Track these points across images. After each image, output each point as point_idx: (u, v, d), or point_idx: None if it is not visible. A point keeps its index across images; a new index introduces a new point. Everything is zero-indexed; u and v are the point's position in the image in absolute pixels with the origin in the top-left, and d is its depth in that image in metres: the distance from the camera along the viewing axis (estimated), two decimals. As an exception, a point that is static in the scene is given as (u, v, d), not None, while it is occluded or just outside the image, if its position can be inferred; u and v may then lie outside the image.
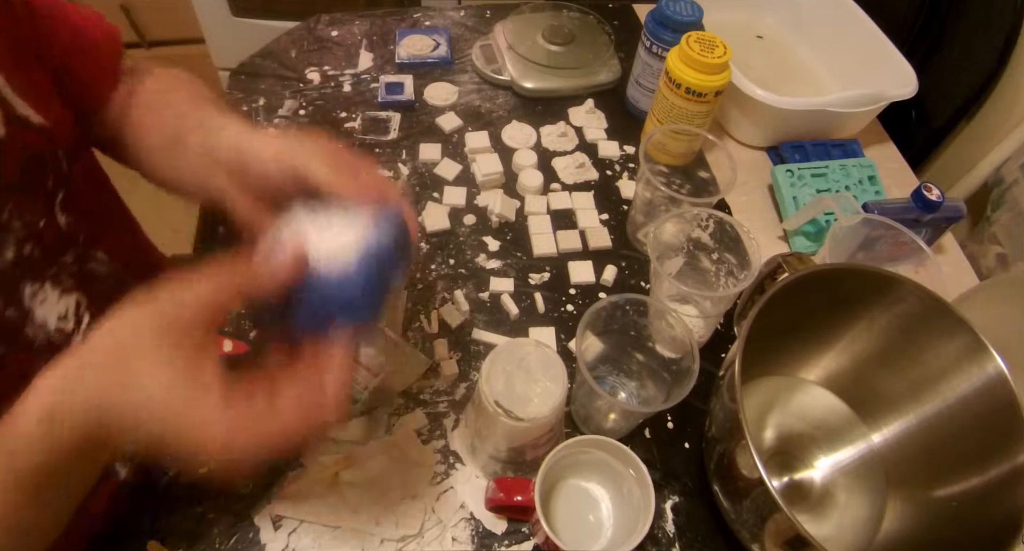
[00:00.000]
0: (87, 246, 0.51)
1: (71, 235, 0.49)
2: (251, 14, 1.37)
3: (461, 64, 0.84)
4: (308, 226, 0.38)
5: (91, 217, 0.52)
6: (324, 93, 0.80)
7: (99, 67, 0.52)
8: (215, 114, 0.47)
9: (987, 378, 0.47)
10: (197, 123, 0.47)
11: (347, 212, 0.39)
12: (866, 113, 0.76)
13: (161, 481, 0.51)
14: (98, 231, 0.53)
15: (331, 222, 0.38)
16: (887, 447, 0.55)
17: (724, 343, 0.63)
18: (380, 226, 0.38)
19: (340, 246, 0.37)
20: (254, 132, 0.44)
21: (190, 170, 0.46)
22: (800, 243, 0.71)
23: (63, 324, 0.47)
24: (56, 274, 0.47)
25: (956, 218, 0.67)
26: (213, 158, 0.44)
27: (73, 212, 0.49)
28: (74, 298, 0.48)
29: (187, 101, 0.50)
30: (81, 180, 0.51)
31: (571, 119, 0.80)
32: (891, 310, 0.52)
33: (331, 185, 0.39)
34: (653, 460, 0.55)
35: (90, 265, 0.52)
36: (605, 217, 0.71)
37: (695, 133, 0.68)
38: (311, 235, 0.38)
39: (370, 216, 0.38)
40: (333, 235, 0.38)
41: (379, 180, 0.42)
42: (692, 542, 0.52)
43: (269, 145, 0.41)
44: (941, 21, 0.83)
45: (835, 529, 0.53)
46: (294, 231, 0.38)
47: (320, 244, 0.37)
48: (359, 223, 0.38)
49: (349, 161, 0.42)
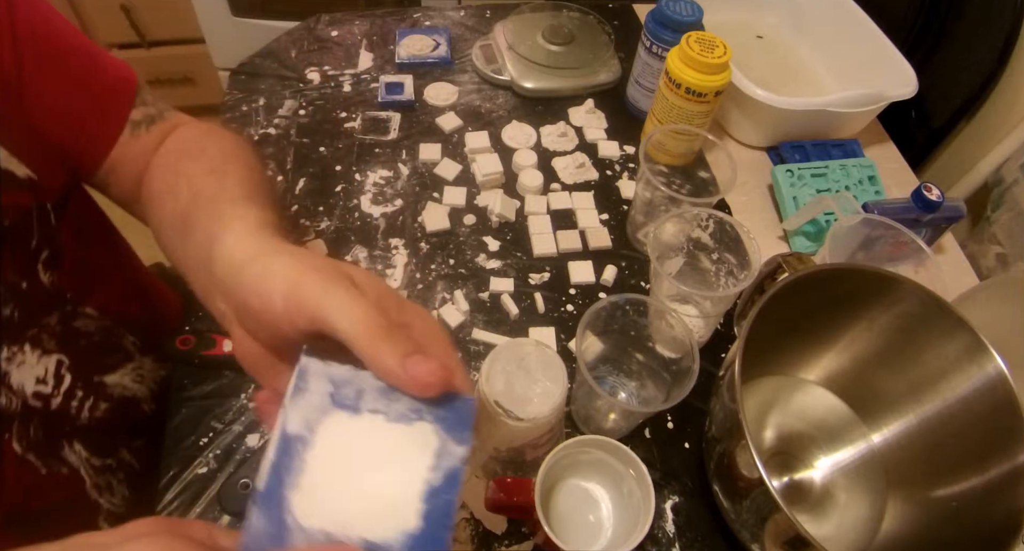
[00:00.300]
0: (75, 303, 0.48)
1: (57, 294, 0.46)
2: (251, 14, 1.37)
3: (461, 64, 0.84)
4: (332, 440, 0.27)
5: (80, 271, 0.49)
6: (324, 93, 0.80)
7: (101, 110, 0.46)
8: (227, 202, 0.38)
9: (987, 378, 0.47)
10: (205, 213, 0.38)
11: (393, 407, 0.27)
12: (866, 113, 0.76)
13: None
14: (88, 285, 0.50)
15: (371, 431, 0.27)
16: (887, 447, 0.55)
17: (724, 343, 0.63)
18: (450, 447, 0.27)
19: (390, 499, 0.26)
20: (265, 242, 0.34)
21: (196, 269, 0.38)
22: (800, 243, 0.71)
23: (41, 387, 0.45)
24: (36, 335, 0.44)
25: (956, 218, 0.67)
26: (210, 274, 0.35)
27: (59, 270, 0.45)
28: (55, 359, 0.45)
29: (205, 173, 0.42)
30: (70, 231, 0.48)
31: (571, 119, 0.80)
32: (891, 310, 0.52)
33: (367, 351, 0.27)
34: (653, 460, 0.55)
35: (76, 323, 0.49)
36: (605, 217, 0.71)
37: (695, 133, 0.68)
38: (337, 472, 0.26)
39: (436, 418, 0.27)
40: (375, 466, 0.26)
41: (439, 341, 0.30)
42: (692, 542, 0.52)
43: (278, 273, 0.30)
44: (941, 21, 0.83)
45: (835, 529, 0.53)
46: (307, 464, 0.26)
47: (356, 493, 0.26)
48: (420, 438, 0.27)
49: (391, 303, 0.30)
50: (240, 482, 0.50)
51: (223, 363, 0.56)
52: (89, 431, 0.51)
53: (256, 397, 0.32)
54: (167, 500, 0.50)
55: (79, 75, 0.45)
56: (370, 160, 0.74)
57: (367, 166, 0.73)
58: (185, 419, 0.53)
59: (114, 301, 0.53)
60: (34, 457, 0.45)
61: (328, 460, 0.27)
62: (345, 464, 0.27)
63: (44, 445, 0.46)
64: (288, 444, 0.27)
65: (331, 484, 0.26)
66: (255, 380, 0.34)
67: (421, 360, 0.27)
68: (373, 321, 0.27)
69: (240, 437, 0.53)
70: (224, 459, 0.52)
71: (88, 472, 0.50)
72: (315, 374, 0.28)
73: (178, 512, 0.49)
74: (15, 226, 0.42)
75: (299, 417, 0.27)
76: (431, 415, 0.28)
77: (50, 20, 0.44)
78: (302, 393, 0.28)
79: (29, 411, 0.44)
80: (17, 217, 0.42)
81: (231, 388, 0.55)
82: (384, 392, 0.28)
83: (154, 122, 0.48)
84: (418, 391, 0.27)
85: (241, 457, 0.52)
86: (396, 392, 0.28)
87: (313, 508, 0.26)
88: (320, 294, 0.28)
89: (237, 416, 0.54)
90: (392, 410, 0.28)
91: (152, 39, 1.60)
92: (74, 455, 0.49)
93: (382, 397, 0.28)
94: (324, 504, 0.26)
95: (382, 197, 0.71)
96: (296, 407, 0.27)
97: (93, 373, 0.52)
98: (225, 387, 0.55)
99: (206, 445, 0.52)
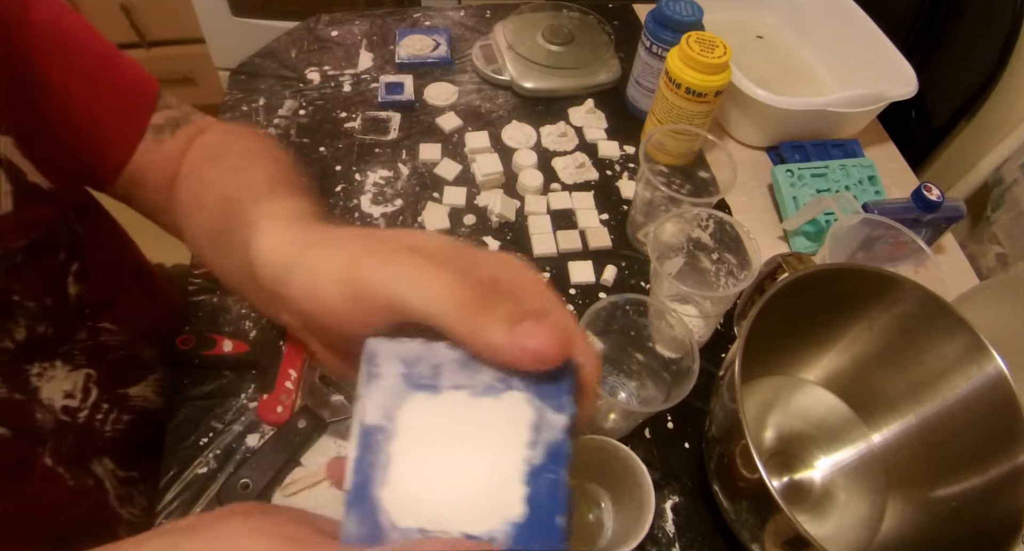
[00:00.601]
0: (94, 319, 0.48)
1: (79, 308, 0.45)
2: (251, 14, 1.37)
3: (461, 64, 0.84)
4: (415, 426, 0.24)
5: (106, 283, 0.48)
6: (324, 93, 0.80)
7: (121, 114, 0.44)
8: (251, 202, 0.34)
9: (987, 378, 0.47)
10: (236, 220, 0.34)
11: (477, 379, 0.24)
12: (866, 113, 0.76)
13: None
14: (109, 297, 0.49)
15: (455, 411, 0.24)
16: (887, 447, 0.55)
17: (724, 343, 0.63)
18: (548, 417, 0.24)
19: (488, 486, 0.23)
20: (300, 236, 0.29)
21: (245, 284, 0.33)
22: (800, 243, 0.71)
23: (69, 401, 0.45)
24: (68, 351, 0.44)
25: (956, 218, 0.67)
26: (260, 289, 0.30)
27: (87, 282, 0.45)
28: (83, 373, 0.46)
29: (229, 175, 0.39)
30: (94, 242, 0.47)
31: (571, 119, 0.80)
32: (891, 310, 0.52)
33: (461, 331, 0.23)
34: (653, 460, 0.55)
35: (102, 337, 0.49)
36: (605, 217, 0.71)
37: (695, 133, 0.68)
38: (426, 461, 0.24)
39: (527, 385, 0.24)
40: (466, 449, 0.24)
41: (536, 291, 0.26)
42: (692, 542, 0.52)
43: (327, 270, 0.26)
44: (941, 21, 0.83)
45: (835, 529, 0.53)
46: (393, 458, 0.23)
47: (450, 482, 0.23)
48: (512, 411, 0.24)
49: (467, 260, 0.26)
50: (240, 482, 0.50)
51: (223, 363, 0.56)
52: (114, 443, 0.51)
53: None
54: (167, 500, 0.50)
55: (98, 80, 0.44)
56: (370, 160, 0.74)
57: (367, 166, 0.73)
58: (185, 419, 0.53)
59: (131, 313, 0.53)
60: (63, 470, 0.45)
61: (414, 449, 0.24)
62: (433, 451, 0.24)
63: (74, 458, 0.46)
64: (368, 437, 0.24)
65: (421, 476, 0.24)
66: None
67: (531, 328, 0.22)
68: (460, 295, 0.23)
69: (240, 437, 0.53)
70: (224, 459, 0.52)
71: (112, 484, 0.50)
72: (385, 356, 0.25)
73: (178, 512, 0.49)
74: (43, 240, 0.41)
75: (375, 406, 0.24)
76: (522, 382, 0.24)
77: (67, 22, 0.42)
78: (375, 379, 0.25)
79: (61, 426, 0.44)
80: (45, 231, 0.41)
81: (231, 388, 0.55)
82: (464, 363, 0.24)
83: (179, 126, 0.46)
84: (537, 365, 0.23)
85: (241, 457, 0.52)
86: (477, 361, 0.24)
87: (406, 505, 0.23)
88: (386, 279, 0.24)
89: (237, 416, 0.54)
90: (476, 383, 0.24)
91: (152, 39, 1.60)
92: (100, 467, 0.49)
93: (463, 369, 0.24)
94: (417, 499, 0.23)
95: (382, 197, 0.71)
96: (371, 396, 0.24)
97: (117, 386, 0.52)
98: (225, 387, 0.55)
99: (206, 445, 0.52)
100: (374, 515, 0.23)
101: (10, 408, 0.39)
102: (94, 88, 0.43)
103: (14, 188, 0.37)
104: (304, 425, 0.52)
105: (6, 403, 0.39)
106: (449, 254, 0.26)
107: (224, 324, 0.59)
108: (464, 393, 0.24)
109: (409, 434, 0.24)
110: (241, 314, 0.60)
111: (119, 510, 0.50)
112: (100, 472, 0.49)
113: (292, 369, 0.55)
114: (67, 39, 0.42)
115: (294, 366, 0.55)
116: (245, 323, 0.59)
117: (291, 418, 0.53)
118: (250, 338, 0.58)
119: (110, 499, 0.49)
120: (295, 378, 0.55)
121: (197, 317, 0.59)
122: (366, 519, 0.23)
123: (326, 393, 0.54)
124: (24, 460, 0.40)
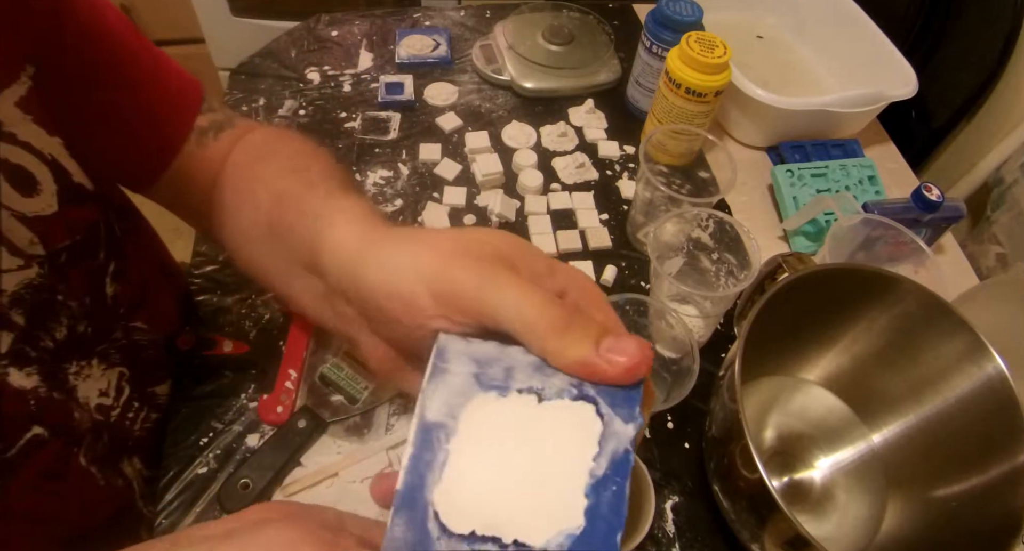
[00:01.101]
0: (127, 319, 0.48)
1: (115, 308, 0.46)
2: (251, 14, 1.37)
3: (461, 64, 0.84)
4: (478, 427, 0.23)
5: (136, 282, 0.48)
6: (324, 93, 0.80)
7: (165, 115, 0.44)
8: (319, 199, 0.35)
9: (987, 378, 0.47)
10: (297, 213, 0.35)
11: (549, 383, 0.24)
12: (866, 113, 0.76)
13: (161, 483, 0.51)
14: (142, 298, 0.49)
15: (522, 414, 0.24)
16: (887, 447, 0.55)
17: (724, 343, 0.63)
18: (616, 427, 0.23)
19: (548, 494, 0.22)
20: (378, 231, 0.30)
21: (295, 278, 0.35)
22: (800, 243, 0.71)
23: (103, 399, 0.45)
24: (105, 350, 0.45)
25: (956, 218, 0.67)
26: (321, 275, 0.32)
27: (124, 282, 0.45)
28: (117, 371, 0.46)
29: (285, 173, 0.39)
30: (128, 240, 0.47)
31: (571, 119, 0.80)
32: (891, 310, 0.52)
33: (551, 348, 0.24)
34: (653, 460, 0.55)
35: (135, 337, 0.49)
36: (605, 217, 0.71)
37: (695, 133, 0.68)
38: (486, 463, 0.23)
39: (599, 393, 0.24)
40: (529, 455, 0.23)
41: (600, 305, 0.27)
42: (692, 542, 0.52)
43: (413, 266, 0.27)
44: (941, 21, 0.83)
45: (835, 529, 0.53)
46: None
47: (508, 488, 0.23)
48: (580, 419, 0.23)
49: (542, 268, 0.27)
50: (240, 482, 0.50)
51: (223, 363, 0.56)
52: (142, 442, 0.51)
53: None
54: (167, 500, 0.50)
55: (145, 82, 0.44)
56: (370, 160, 0.74)
57: (367, 166, 0.73)
58: (185, 419, 0.53)
59: (161, 313, 0.53)
60: (96, 470, 0.45)
61: (475, 450, 0.23)
62: (494, 454, 0.23)
63: (106, 458, 0.46)
64: (428, 434, 0.23)
65: (479, 479, 0.23)
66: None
67: (615, 343, 0.24)
68: (549, 313, 0.24)
69: (240, 437, 0.53)
70: (224, 459, 0.52)
71: (139, 483, 0.50)
72: (455, 353, 0.25)
73: (178, 512, 0.49)
74: (85, 240, 0.41)
75: (439, 402, 0.24)
76: (593, 390, 0.24)
77: (112, 23, 0.42)
78: (442, 375, 0.24)
79: (96, 425, 0.44)
80: (87, 232, 0.41)
81: (231, 388, 0.55)
82: (538, 367, 0.24)
83: (222, 129, 0.46)
84: (625, 380, 0.24)
85: (241, 457, 0.52)
86: (551, 368, 0.24)
87: (459, 508, 0.22)
88: (480, 288, 0.25)
89: (237, 416, 0.54)
90: (548, 387, 0.24)
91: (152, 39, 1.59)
92: (130, 467, 0.49)
93: (536, 373, 0.24)
94: (471, 503, 0.22)
95: (382, 197, 0.71)
96: (436, 392, 0.24)
97: (147, 385, 0.52)
98: (225, 387, 0.55)
99: (206, 445, 0.52)
100: (423, 517, 0.22)
101: (49, 407, 0.40)
102: (141, 89, 0.44)
103: (59, 189, 0.38)
104: (304, 425, 0.52)
105: (45, 402, 0.39)
106: (526, 262, 0.27)
107: (224, 324, 0.59)
108: (533, 398, 0.24)
109: (471, 434, 0.23)
110: (241, 314, 0.60)
111: (143, 510, 0.50)
112: (129, 472, 0.49)
113: (292, 369, 0.55)
114: (114, 40, 0.42)
115: (294, 366, 0.55)
116: (245, 323, 0.59)
117: (291, 418, 0.53)
118: (250, 338, 0.58)
119: (136, 498, 0.50)
120: (295, 378, 0.55)
121: (197, 317, 0.59)
122: (415, 521, 0.22)
123: (326, 393, 0.54)
124: (60, 459, 0.41)
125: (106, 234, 0.43)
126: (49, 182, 0.37)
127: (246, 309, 0.60)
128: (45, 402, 0.39)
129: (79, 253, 0.41)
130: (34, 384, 0.38)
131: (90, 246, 0.42)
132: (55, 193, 0.38)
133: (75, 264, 0.40)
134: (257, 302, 0.60)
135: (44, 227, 0.37)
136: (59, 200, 0.38)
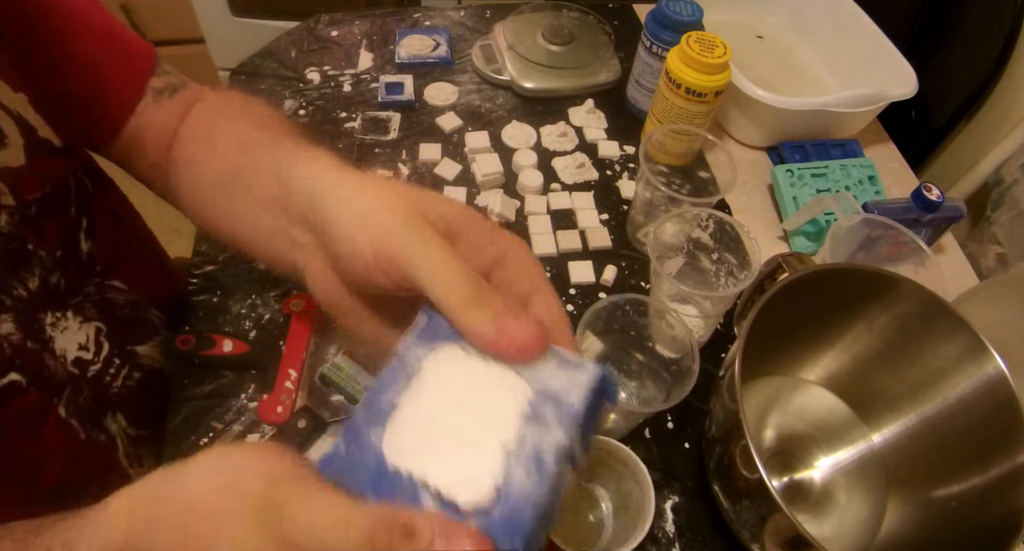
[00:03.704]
0: (104, 276, 0.49)
1: (90, 264, 0.47)
2: (251, 14, 1.37)
3: (461, 64, 0.84)
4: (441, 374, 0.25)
5: (113, 244, 0.50)
6: (324, 93, 0.80)
7: (122, 73, 0.46)
8: (289, 148, 0.36)
9: (987, 378, 0.47)
10: (267, 153, 0.36)
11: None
12: (866, 113, 0.76)
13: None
14: (118, 258, 0.50)
15: (477, 374, 0.25)
16: (887, 447, 0.55)
17: (724, 343, 0.63)
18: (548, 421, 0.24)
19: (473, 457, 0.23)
20: (346, 170, 0.31)
21: (253, 218, 0.36)
22: (800, 243, 0.71)
23: (83, 353, 0.46)
24: (80, 303, 0.45)
25: (956, 218, 0.67)
26: (283, 204, 0.33)
27: (96, 240, 0.46)
28: (94, 326, 0.47)
29: (251, 128, 0.41)
30: (102, 203, 0.49)
31: (571, 119, 0.80)
32: (891, 310, 0.52)
33: (459, 320, 0.25)
34: (653, 460, 0.55)
35: (109, 294, 0.50)
36: (605, 217, 0.71)
37: (695, 133, 0.68)
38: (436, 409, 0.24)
39: (564, 383, 0.25)
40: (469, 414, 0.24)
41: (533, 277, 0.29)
42: (692, 542, 0.52)
43: (366, 218, 0.28)
44: (941, 21, 0.83)
45: (835, 529, 0.53)
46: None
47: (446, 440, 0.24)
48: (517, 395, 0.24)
49: (481, 234, 0.29)
50: (240, 482, 0.50)
51: (223, 363, 0.56)
52: (126, 400, 0.51)
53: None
54: (167, 500, 0.50)
55: (102, 41, 0.46)
56: (370, 160, 0.74)
57: (367, 166, 0.73)
58: (185, 419, 0.53)
59: (138, 276, 0.54)
60: (77, 423, 0.45)
61: (431, 394, 0.25)
62: (446, 403, 0.24)
63: (87, 412, 0.47)
64: (402, 365, 0.25)
65: (426, 422, 0.24)
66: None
67: (515, 324, 0.25)
68: (461, 287, 0.25)
69: (240, 437, 0.53)
70: (224, 459, 0.52)
71: (123, 441, 0.50)
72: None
73: (178, 512, 0.49)
74: (55, 194, 0.43)
75: (417, 347, 0.26)
76: (531, 373, 0.25)
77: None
78: (429, 323, 0.26)
79: (74, 379, 0.45)
80: (56, 185, 0.43)
81: (231, 388, 0.55)
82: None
83: (177, 91, 0.47)
84: (516, 357, 0.25)
85: (241, 457, 0.52)
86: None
87: (403, 442, 0.24)
88: (410, 256, 0.26)
89: (237, 416, 0.54)
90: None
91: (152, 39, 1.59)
92: (114, 424, 0.50)
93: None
94: (414, 442, 0.24)
95: (382, 197, 0.71)
96: (415, 337, 0.26)
97: (127, 343, 0.52)
98: (225, 387, 0.55)
99: (206, 445, 0.52)
100: (368, 439, 0.24)
101: (25, 355, 0.41)
102: (98, 48, 0.45)
103: (26, 143, 0.39)
104: (304, 425, 0.52)
105: (20, 350, 0.40)
106: (469, 231, 0.28)
107: (224, 324, 0.59)
108: (492, 360, 0.25)
109: (432, 380, 0.25)
110: (241, 314, 0.60)
111: (128, 469, 0.51)
112: (113, 429, 0.49)
113: (292, 369, 0.55)
114: (76, 6, 0.44)
115: (294, 366, 0.55)
116: (245, 323, 0.59)
117: (291, 418, 0.53)
118: (250, 338, 0.58)
119: (119, 456, 0.50)
120: (295, 378, 0.55)
121: (197, 317, 0.59)
122: (362, 442, 0.24)
123: (326, 393, 0.54)
124: (38, 408, 0.41)
125: (76, 189, 0.44)
126: (16, 135, 0.39)
127: (246, 309, 0.60)
128: (19, 349, 0.40)
129: (51, 205, 0.42)
130: (8, 331, 0.39)
131: (62, 198, 0.43)
132: (22, 146, 0.39)
133: (47, 215, 0.41)
134: (257, 302, 0.60)
135: (13, 178, 0.39)
136: (26, 154, 0.39)
